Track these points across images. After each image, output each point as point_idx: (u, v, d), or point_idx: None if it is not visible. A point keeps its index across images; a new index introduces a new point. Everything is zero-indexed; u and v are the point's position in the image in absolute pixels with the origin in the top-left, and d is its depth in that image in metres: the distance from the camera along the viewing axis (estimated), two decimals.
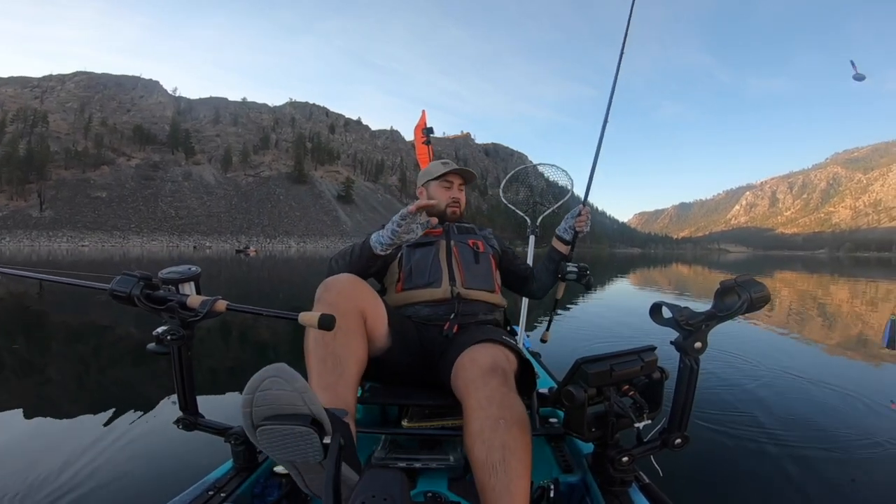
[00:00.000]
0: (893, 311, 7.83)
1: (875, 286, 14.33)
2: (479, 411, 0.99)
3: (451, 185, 1.71)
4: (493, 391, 1.02)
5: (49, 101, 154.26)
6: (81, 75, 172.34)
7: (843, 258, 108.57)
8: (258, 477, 1.20)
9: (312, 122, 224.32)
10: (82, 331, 5.59)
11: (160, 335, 1.12)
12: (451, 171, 1.69)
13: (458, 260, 1.55)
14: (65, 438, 2.35)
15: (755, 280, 0.90)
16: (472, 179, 1.76)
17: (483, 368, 1.09)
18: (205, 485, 1.11)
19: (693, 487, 1.85)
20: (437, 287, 1.47)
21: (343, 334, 1.08)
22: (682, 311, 0.95)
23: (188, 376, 1.16)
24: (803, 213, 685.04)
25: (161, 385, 3.20)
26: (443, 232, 1.63)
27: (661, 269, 24.34)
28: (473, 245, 1.63)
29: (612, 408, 1.00)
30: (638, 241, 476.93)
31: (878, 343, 4.80)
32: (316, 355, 1.08)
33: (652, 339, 1.11)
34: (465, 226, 1.75)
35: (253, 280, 13.71)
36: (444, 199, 1.69)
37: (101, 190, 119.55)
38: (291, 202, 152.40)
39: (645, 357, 1.02)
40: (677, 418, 1.00)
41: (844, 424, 2.50)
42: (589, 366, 0.99)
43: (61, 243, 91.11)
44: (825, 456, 2.10)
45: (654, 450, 1.04)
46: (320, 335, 1.09)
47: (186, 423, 1.18)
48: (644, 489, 1.08)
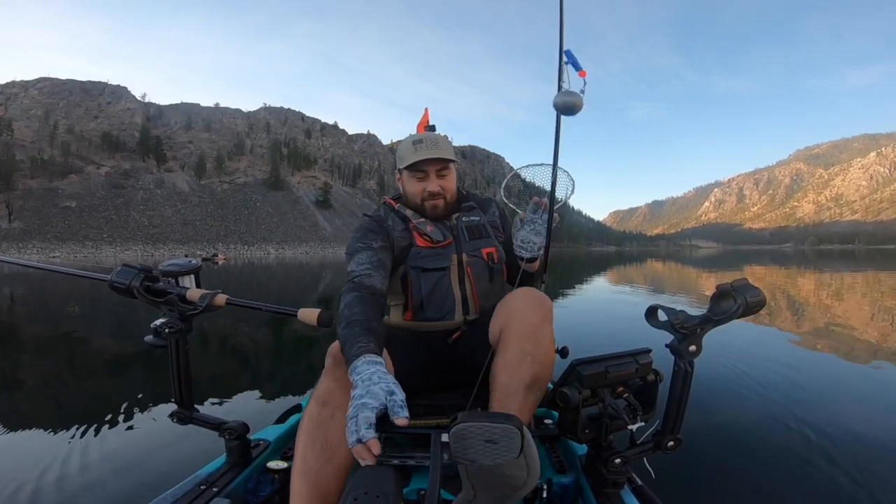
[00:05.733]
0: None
1: (842, 277, 15.23)
2: (514, 343, 1.05)
3: (426, 175, 1.36)
4: (531, 326, 1.06)
5: (13, 108, 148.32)
6: (45, 81, 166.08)
7: (807, 251, 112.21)
8: (251, 472, 1.19)
9: (288, 127, 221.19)
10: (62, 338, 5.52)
11: (158, 327, 1.10)
12: (424, 161, 1.33)
13: (472, 282, 1.37)
14: (58, 433, 2.41)
15: (751, 284, 0.90)
16: (451, 162, 1.40)
17: (528, 303, 1.11)
18: (197, 479, 1.10)
19: (685, 490, 1.85)
20: (451, 319, 1.36)
21: (344, 414, 0.94)
22: (677, 314, 0.94)
23: (185, 370, 1.14)
24: (769, 208, 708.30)
25: (153, 381, 3.29)
26: (452, 242, 1.38)
27: (636, 267, 24.98)
28: (488, 257, 1.40)
29: (607, 409, 1.00)
30: (613, 239, 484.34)
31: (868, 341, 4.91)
32: (306, 432, 0.95)
33: (647, 342, 1.11)
34: (473, 220, 1.45)
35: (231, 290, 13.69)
36: (418, 193, 1.38)
37: (70, 199, 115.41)
38: (269, 208, 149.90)
39: (640, 359, 1.02)
40: (671, 421, 1.01)
41: (838, 425, 2.49)
42: (584, 367, 0.99)
43: (32, 255, 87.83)
44: (818, 458, 2.10)
45: (647, 452, 1.04)
46: (317, 411, 0.96)
47: (181, 416, 1.16)
48: (636, 491, 1.09)
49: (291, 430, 1.44)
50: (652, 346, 1.08)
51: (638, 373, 1.02)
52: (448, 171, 1.39)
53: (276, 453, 1.34)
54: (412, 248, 1.36)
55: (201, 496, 1.04)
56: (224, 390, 3.09)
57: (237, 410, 2.76)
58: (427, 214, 1.39)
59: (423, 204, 1.38)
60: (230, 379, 3.49)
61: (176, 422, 1.16)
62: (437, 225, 1.39)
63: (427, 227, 1.36)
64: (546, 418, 1.50)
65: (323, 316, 0.95)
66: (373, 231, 1.34)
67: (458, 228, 1.41)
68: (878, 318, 6.47)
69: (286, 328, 5.34)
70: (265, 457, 1.26)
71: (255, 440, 1.32)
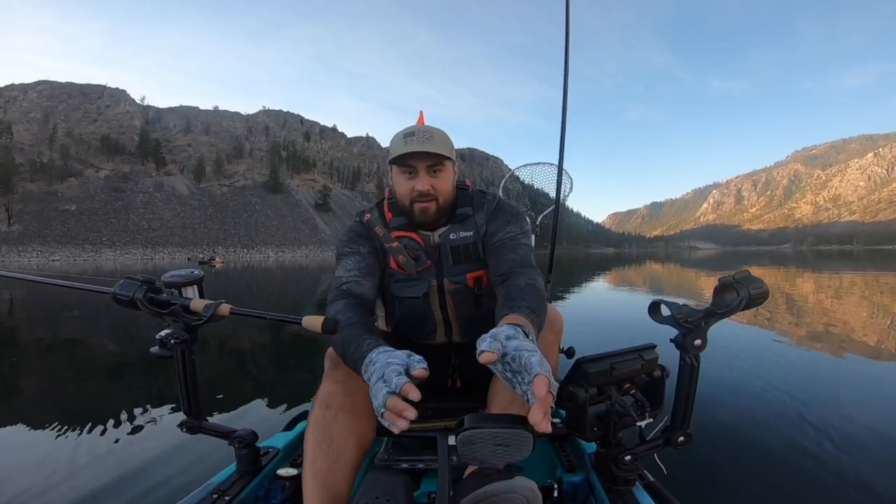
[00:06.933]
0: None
1: (841, 278, 15.27)
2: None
3: (415, 171, 1.17)
4: (542, 342, 1.01)
5: (12, 111, 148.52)
6: (44, 84, 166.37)
7: (806, 252, 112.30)
8: (262, 480, 1.20)
9: (287, 130, 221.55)
10: (65, 344, 5.54)
11: (164, 338, 1.12)
12: (413, 154, 1.14)
13: (453, 309, 1.26)
14: (69, 443, 2.41)
15: (753, 276, 0.90)
16: (446, 159, 1.19)
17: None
18: (209, 488, 1.11)
19: (699, 485, 1.82)
20: (433, 339, 1.32)
21: (346, 415, 1.00)
22: (680, 308, 0.94)
23: (192, 380, 1.16)
24: (767, 209, 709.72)
25: (163, 390, 3.30)
26: (432, 265, 1.23)
27: (635, 268, 25.02)
28: (475, 283, 1.24)
29: (614, 407, 1.00)
30: (612, 241, 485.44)
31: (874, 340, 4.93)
32: (313, 436, 0.99)
33: (652, 337, 1.10)
34: (463, 237, 1.24)
35: (232, 292, 13.69)
36: (407, 192, 1.18)
37: (70, 202, 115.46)
38: (268, 211, 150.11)
39: (645, 355, 1.02)
40: (679, 416, 1.00)
41: (847, 418, 2.48)
42: (589, 365, 0.99)
43: (31, 258, 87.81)
44: (828, 452, 2.08)
45: (657, 448, 1.03)
46: (321, 414, 1.00)
47: (190, 426, 1.18)
48: (648, 488, 1.08)
49: (300, 437, 1.44)
50: (657, 341, 1.07)
51: (644, 369, 1.02)
52: (442, 169, 1.19)
53: (285, 460, 1.34)
54: (387, 269, 1.26)
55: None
56: (232, 399, 3.09)
57: (245, 419, 2.75)
58: (416, 219, 1.21)
59: (411, 206, 1.19)
60: (237, 387, 3.50)
61: (185, 431, 1.17)
62: (415, 247, 1.23)
63: (399, 255, 1.22)
64: (553, 417, 1.50)
65: (328, 323, 0.97)
66: (361, 235, 1.27)
67: (443, 249, 1.23)
68: (879, 317, 6.49)
69: (291, 336, 5.33)
70: (275, 464, 1.27)
71: (265, 448, 1.33)
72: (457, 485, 1.03)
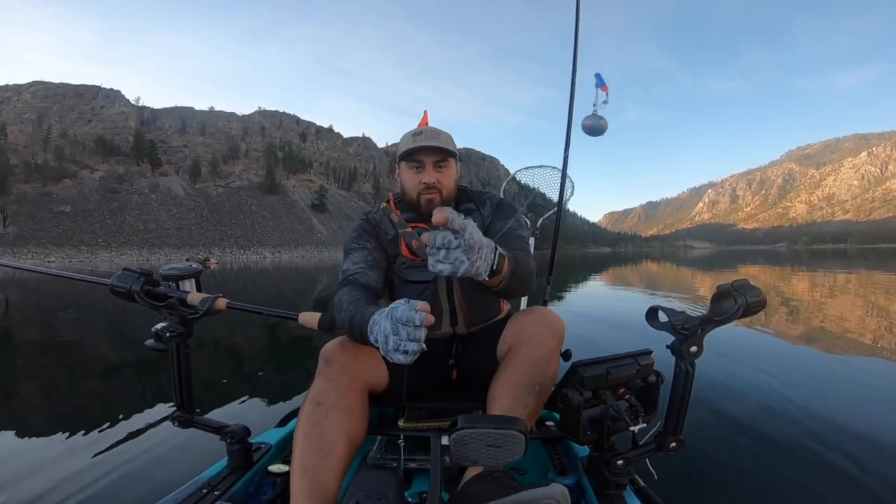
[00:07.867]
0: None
1: (835, 276, 15.37)
2: (524, 369, 1.05)
3: (422, 165, 1.28)
4: (544, 354, 1.06)
5: (6, 112, 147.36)
6: (38, 85, 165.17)
7: (801, 251, 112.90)
8: (253, 475, 1.19)
9: (283, 131, 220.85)
10: (59, 343, 5.47)
11: (159, 331, 1.10)
12: (421, 148, 1.27)
13: (459, 296, 1.32)
14: (58, 437, 2.41)
15: (751, 285, 0.90)
16: (451, 155, 1.31)
17: (543, 329, 1.10)
18: (199, 483, 1.10)
19: (688, 491, 1.84)
20: (437, 330, 1.34)
21: (338, 413, 1.00)
22: (678, 315, 0.94)
23: (186, 374, 1.14)
24: (762, 208, 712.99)
25: (154, 385, 3.30)
26: None
27: (632, 267, 25.05)
28: None
29: (608, 411, 0.99)
30: (608, 240, 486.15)
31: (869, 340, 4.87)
32: (302, 432, 0.99)
33: (648, 341, 1.10)
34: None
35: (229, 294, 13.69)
36: (414, 186, 1.29)
37: (65, 204, 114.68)
38: (264, 212, 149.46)
39: (641, 360, 1.02)
40: (673, 422, 1.00)
41: (839, 424, 2.48)
42: (585, 369, 0.99)
43: (27, 260, 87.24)
44: (820, 457, 2.09)
45: (649, 453, 1.04)
46: (312, 411, 1.00)
47: (182, 420, 1.16)
48: (639, 492, 1.09)
49: (292, 434, 1.46)
50: (653, 347, 1.07)
51: (639, 374, 1.02)
52: (447, 164, 1.30)
53: (277, 457, 1.34)
54: (398, 258, 1.32)
55: (203, 500, 1.04)
56: (225, 394, 3.09)
57: (238, 414, 2.75)
58: (422, 210, 1.30)
59: (418, 199, 1.29)
60: (231, 383, 3.50)
61: (177, 425, 1.16)
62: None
63: (413, 239, 1.29)
64: (547, 420, 1.49)
65: (324, 319, 0.95)
66: (367, 232, 1.34)
67: None
68: (873, 316, 6.54)
69: (286, 332, 5.33)
70: (266, 460, 1.26)
71: (257, 444, 1.32)
72: (450, 485, 1.01)
